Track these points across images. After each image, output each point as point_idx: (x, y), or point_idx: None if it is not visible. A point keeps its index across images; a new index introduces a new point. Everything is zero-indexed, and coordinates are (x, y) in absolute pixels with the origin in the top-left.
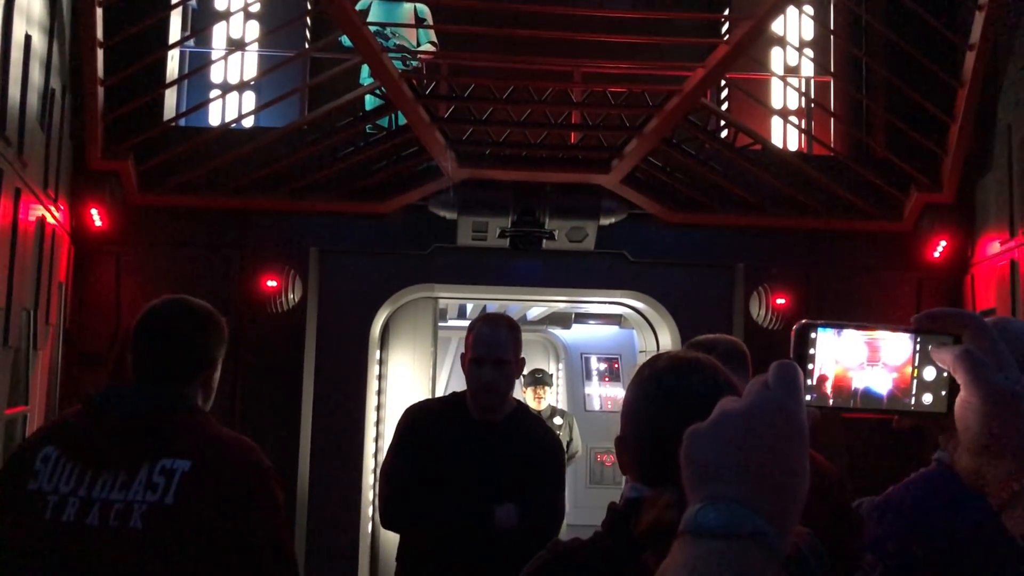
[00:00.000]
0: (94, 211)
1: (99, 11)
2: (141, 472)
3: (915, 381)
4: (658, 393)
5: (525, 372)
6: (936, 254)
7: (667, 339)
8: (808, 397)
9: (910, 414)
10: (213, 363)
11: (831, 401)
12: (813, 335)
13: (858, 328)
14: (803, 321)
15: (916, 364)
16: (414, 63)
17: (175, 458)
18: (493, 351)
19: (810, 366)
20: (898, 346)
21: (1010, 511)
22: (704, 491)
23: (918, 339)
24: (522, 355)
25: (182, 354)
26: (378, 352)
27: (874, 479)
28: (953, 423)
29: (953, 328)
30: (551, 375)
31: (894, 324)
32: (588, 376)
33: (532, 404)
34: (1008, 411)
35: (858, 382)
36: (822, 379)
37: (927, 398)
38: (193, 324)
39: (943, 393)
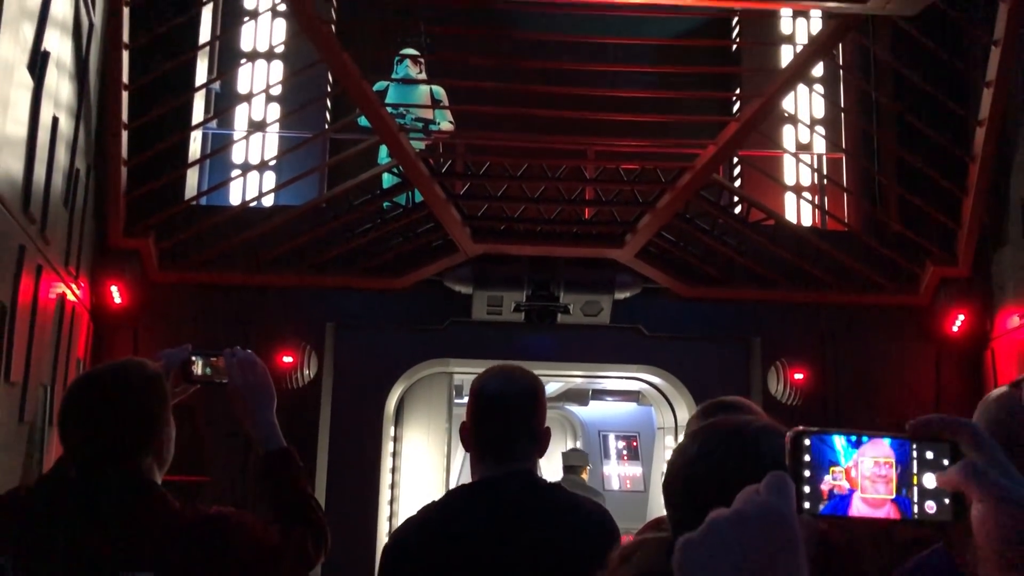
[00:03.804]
0: (114, 288)
1: (125, 94)
2: None
3: (916, 489)
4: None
5: (563, 451)
6: (955, 328)
7: (684, 414)
8: (806, 505)
9: (914, 524)
10: (160, 428)
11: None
12: (807, 442)
13: (850, 434)
14: (797, 428)
15: (916, 471)
16: (434, 127)
17: (135, 571)
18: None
19: (807, 473)
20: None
21: None
22: None
23: (914, 446)
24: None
25: (123, 430)
26: (392, 428)
27: None
28: (960, 531)
29: (948, 435)
30: (587, 454)
31: (890, 431)
32: (607, 455)
33: None
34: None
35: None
36: (819, 491)
37: (930, 506)
38: (126, 390)
39: (946, 501)
